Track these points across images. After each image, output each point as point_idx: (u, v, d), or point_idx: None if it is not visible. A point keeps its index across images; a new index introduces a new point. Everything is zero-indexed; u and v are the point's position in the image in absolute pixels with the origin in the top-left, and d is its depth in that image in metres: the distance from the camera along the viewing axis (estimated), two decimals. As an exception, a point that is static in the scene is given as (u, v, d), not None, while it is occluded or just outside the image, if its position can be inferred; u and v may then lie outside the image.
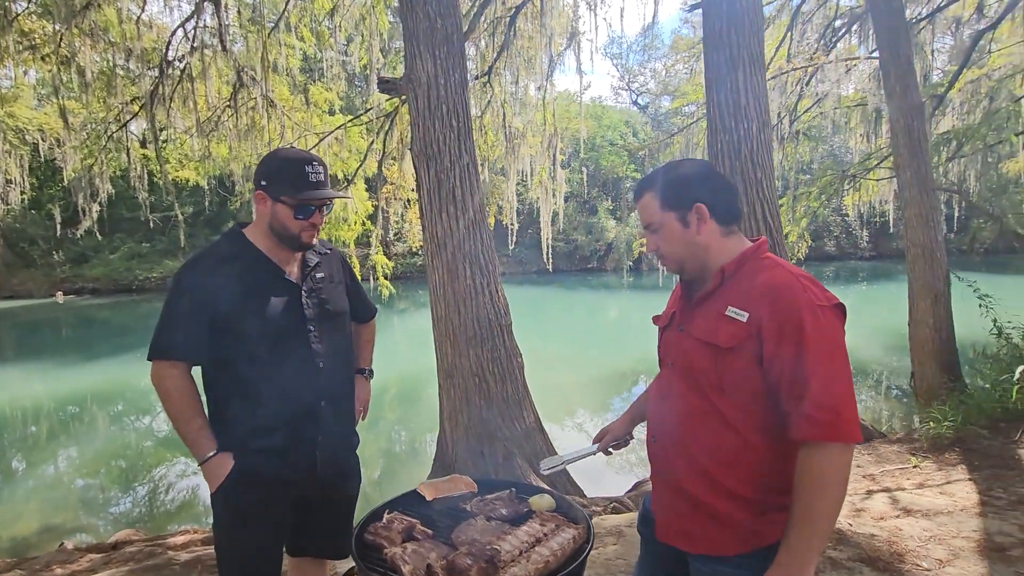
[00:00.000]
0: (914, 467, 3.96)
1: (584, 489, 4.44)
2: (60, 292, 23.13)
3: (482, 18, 7.99)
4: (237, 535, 1.56)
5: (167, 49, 7.83)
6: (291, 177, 1.57)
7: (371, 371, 1.98)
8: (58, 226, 17.14)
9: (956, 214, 15.07)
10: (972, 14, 9.77)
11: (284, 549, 1.71)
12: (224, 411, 1.57)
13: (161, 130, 8.66)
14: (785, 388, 1.13)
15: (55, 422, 8.56)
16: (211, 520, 1.59)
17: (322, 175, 1.61)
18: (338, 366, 1.69)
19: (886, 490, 3.57)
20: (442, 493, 1.55)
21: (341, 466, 1.73)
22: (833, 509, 1.11)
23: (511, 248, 22.47)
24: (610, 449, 1.62)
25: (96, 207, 8.78)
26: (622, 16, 16.22)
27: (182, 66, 7.91)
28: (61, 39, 7.03)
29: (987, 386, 4.79)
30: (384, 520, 1.45)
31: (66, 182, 9.35)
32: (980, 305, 5.33)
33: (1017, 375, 4.37)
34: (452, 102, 4.18)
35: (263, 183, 1.60)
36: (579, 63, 16.75)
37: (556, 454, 4.37)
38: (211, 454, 1.53)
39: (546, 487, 1.65)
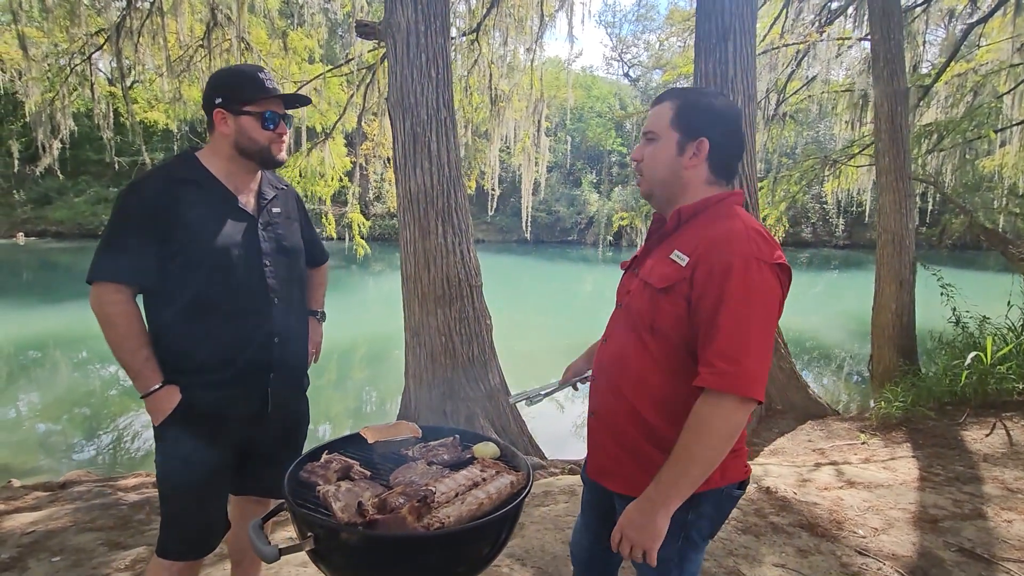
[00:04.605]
0: (862, 443, 4.10)
1: (546, 452, 4.50)
2: (21, 233, 22.29)
3: (473, -29, 7.69)
4: (180, 471, 1.50)
5: (135, -22, 7.38)
6: (249, 87, 1.52)
7: (323, 313, 1.94)
8: (15, 163, 16.13)
9: (930, 208, 15.33)
10: (966, 6, 9.73)
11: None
12: (171, 342, 1.49)
13: (129, 68, 8.20)
14: (701, 333, 1.12)
15: (15, 366, 8.32)
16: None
17: (275, 82, 1.56)
18: (292, 303, 1.64)
19: (833, 463, 3.69)
20: (384, 437, 1.53)
21: (291, 405, 1.69)
22: (709, 458, 1.09)
23: (491, 215, 22.22)
24: (577, 384, 1.63)
25: (57, 144, 8.37)
26: (619, -20, 15.67)
27: (151, -2, 7.47)
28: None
29: (938, 370, 4.94)
30: (322, 460, 1.42)
31: (28, 117, 8.83)
32: (942, 294, 5.45)
33: (969, 360, 4.52)
34: (432, 51, 4.02)
35: (219, 100, 1.52)
36: (571, 27, 16.36)
37: (519, 417, 4.43)
38: (156, 387, 1.46)
39: (492, 436, 1.64)
